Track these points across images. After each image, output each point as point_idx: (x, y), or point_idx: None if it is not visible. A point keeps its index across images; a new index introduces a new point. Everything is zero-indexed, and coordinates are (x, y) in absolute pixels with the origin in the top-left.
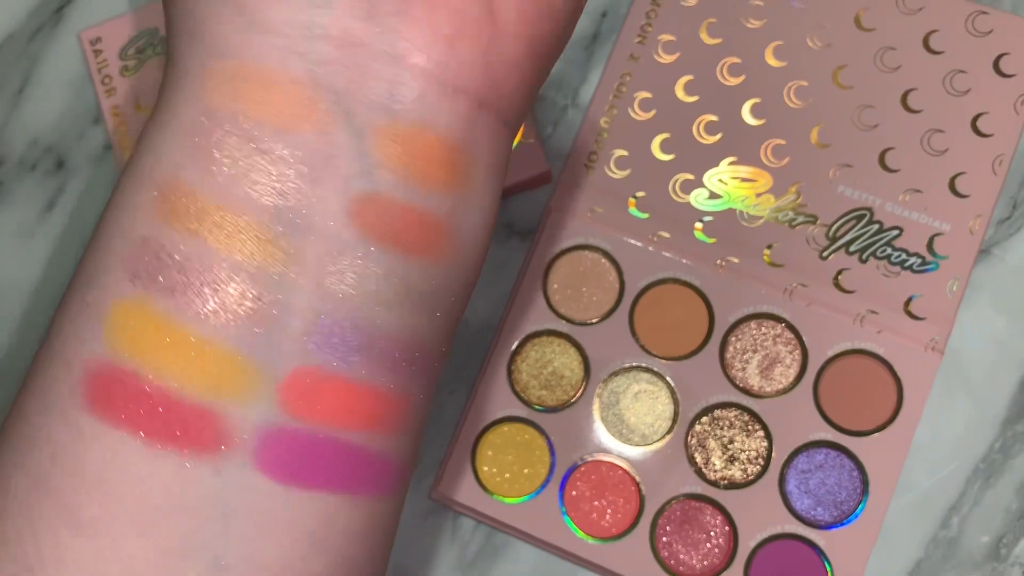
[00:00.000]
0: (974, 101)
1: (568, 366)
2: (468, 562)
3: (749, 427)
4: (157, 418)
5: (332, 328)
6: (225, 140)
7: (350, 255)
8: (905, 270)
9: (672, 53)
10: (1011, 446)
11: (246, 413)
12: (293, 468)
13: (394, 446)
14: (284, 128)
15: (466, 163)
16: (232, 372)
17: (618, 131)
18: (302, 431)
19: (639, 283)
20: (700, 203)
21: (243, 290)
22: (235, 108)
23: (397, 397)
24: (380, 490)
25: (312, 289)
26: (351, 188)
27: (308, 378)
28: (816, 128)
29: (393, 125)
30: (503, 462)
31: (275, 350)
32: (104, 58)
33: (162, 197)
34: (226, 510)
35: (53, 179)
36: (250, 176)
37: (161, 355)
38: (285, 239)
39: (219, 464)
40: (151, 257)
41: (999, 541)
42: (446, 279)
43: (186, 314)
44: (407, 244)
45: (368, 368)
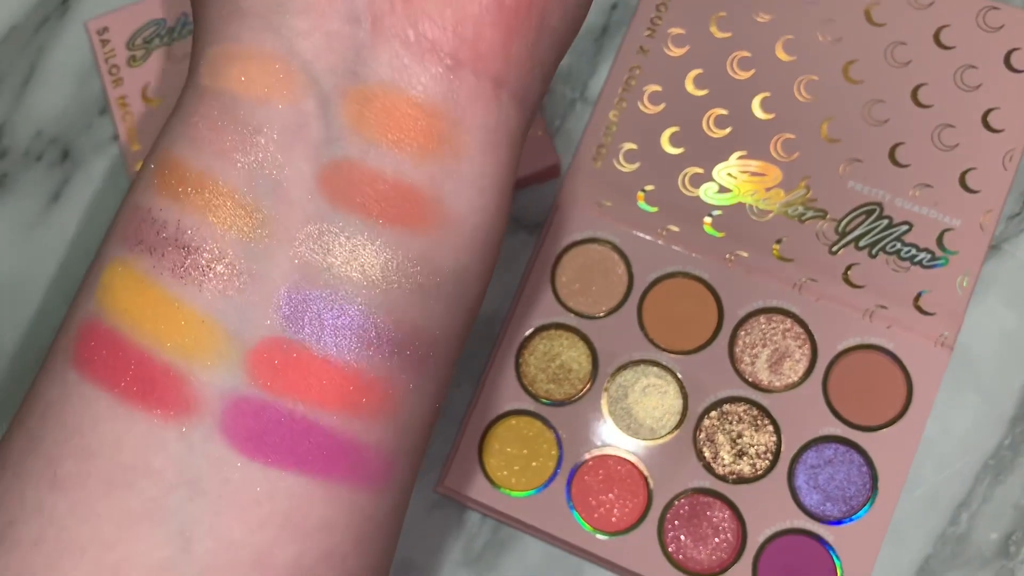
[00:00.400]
0: (985, 96)
1: (576, 359)
2: (475, 556)
3: (758, 422)
4: (130, 375)
5: (302, 299)
6: (208, 114)
7: (320, 224)
8: (915, 265)
9: (682, 46)
10: (1020, 443)
11: (213, 378)
12: (259, 441)
13: (377, 435)
14: (260, 100)
15: (447, 129)
16: (202, 335)
17: (627, 124)
18: (269, 403)
19: (648, 277)
20: (709, 197)
21: (218, 255)
22: (219, 87)
23: (379, 381)
24: (361, 481)
25: (284, 259)
26: (321, 155)
27: (277, 349)
28: (826, 123)
29: (360, 89)
30: (510, 455)
31: (245, 318)
32: (111, 48)
33: (156, 168)
34: (192, 478)
35: (59, 170)
36: (229, 147)
37: (138, 313)
38: (259, 206)
39: (186, 428)
40: (139, 221)
41: (1008, 538)
42: (432, 257)
43: (162, 274)
44: (380, 212)
45: (339, 344)
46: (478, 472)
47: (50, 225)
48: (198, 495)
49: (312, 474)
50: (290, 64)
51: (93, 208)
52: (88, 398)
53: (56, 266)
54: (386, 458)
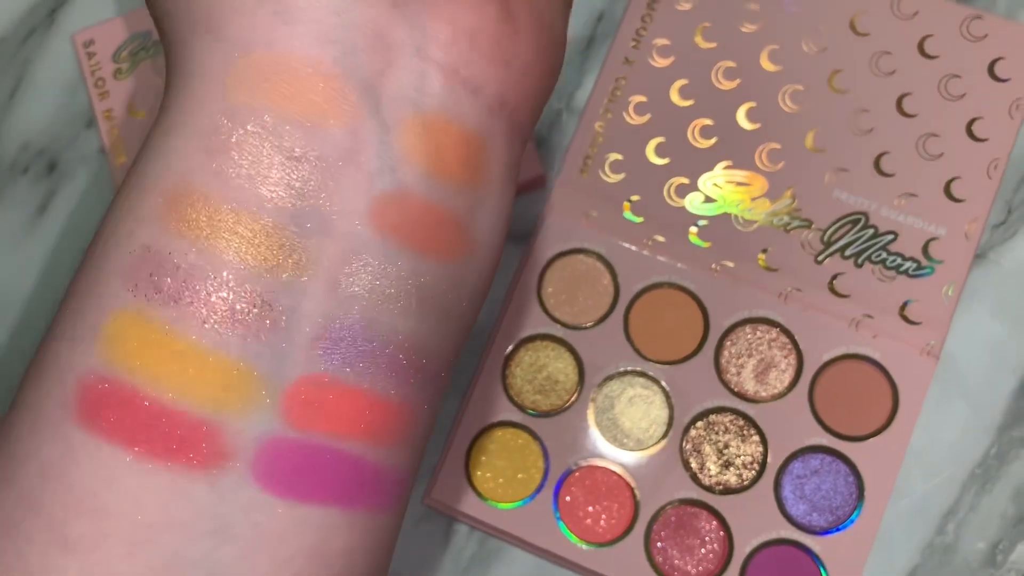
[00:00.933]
0: (969, 105)
1: (563, 371)
2: (462, 568)
3: (744, 432)
4: (152, 432)
5: (341, 333)
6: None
7: (367, 256)
8: (900, 274)
9: (667, 57)
10: (1007, 452)
11: (246, 425)
12: (292, 480)
13: (395, 458)
14: (310, 123)
15: (485, 161)
16: (235, 383)
17: (613, 135)
18: (303, 442)
19: (634, 287)
20: (695, 207)
21: (252, 297)
22: (259, 104)
23: (400, 406)
24: (379, 503)
25: (324, 292)
26: (375, 185)
27: (313, 386)
28: (811, 132)
29: (420, 118)
30: (497, 467)
31: (281, 357)
32: (97, 61)
33: (169, 203)
34: (220, 525)
35: (45, 183)
36: (269, 176)
37: (160, 367)
38: (301, 241)
39: (215, 478)
40: (154, 266)
41: (995, 547)
42: (459, 281)
43: (190, 324)
44: (425, 243)
45: (373, 374)
46: (465, 484)
47: (37, 238)
48: (227, 541)
49: (340, 505)
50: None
51: (80, 221)
52: (100, 458)
53: (43, 279)
54: (401, 479)
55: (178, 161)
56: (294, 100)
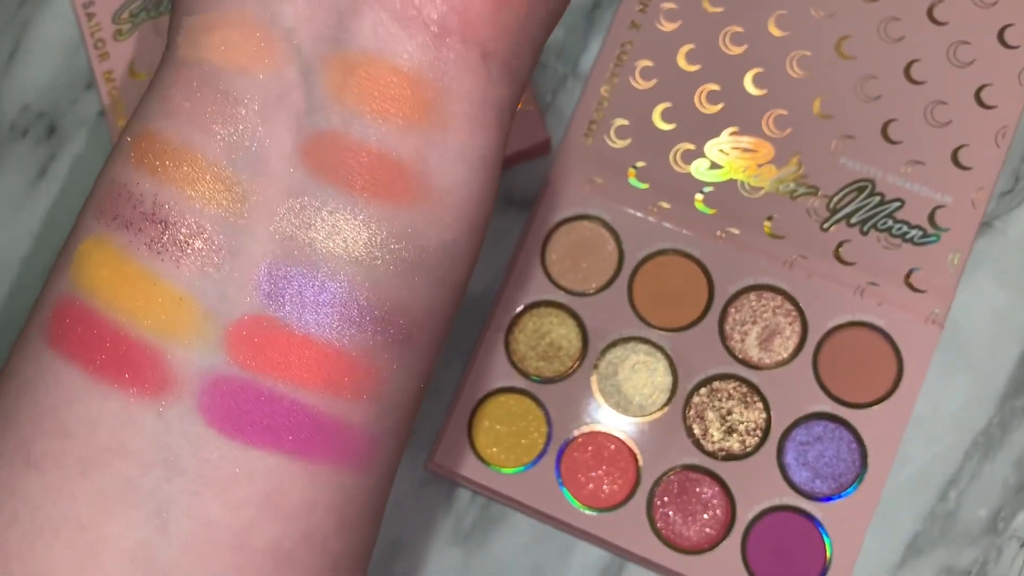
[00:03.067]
0: (978, 72)
1: (566, 337)
2: (464, 533)
3: (748, 399)
4: (105, 353)
5: (282, 275)
6: (186, 86)
7: (301, 197)
8: (906, 242)
9: (674, 21)
10: (1010, 420)
11: (191, 356)
12: (238, 420)
13: (360, 415)
14: (241, 70)
15: (433, 98)
16: (180, 312)
17: (618, 100)
18: (249, 382)
19: (638, 254)
20: (701, 173)
21: (197, 230)
22: (198, 57)
23: (360, 359)
24: (344, 461)
25: (264, 233)
26: (303, 126)
27: (256, 327)
28: (818, 99)
29: (342, 57)
30: (500, 433)
31: (224, 295)
32: (97, 22)
33: (132, 142)
34: (169, 457)
35: (45, 146)
36: (207, 118)
37: (113, 290)
38: (238, 179)
39: (162, 407)
40: (114, 196)
41: (997, 515)
42: (417, 232)
43: (139, 249)
44: (364, 186)
45: (320, 322)
46: (468, 449)
47: (37, 201)
48: (176, 475)
49: (292, 454)
50: (271, 31)
51: (80, 184)
52: (63, 376)
53: (43, 242)
54: (369, 438)
55: (144, 107)
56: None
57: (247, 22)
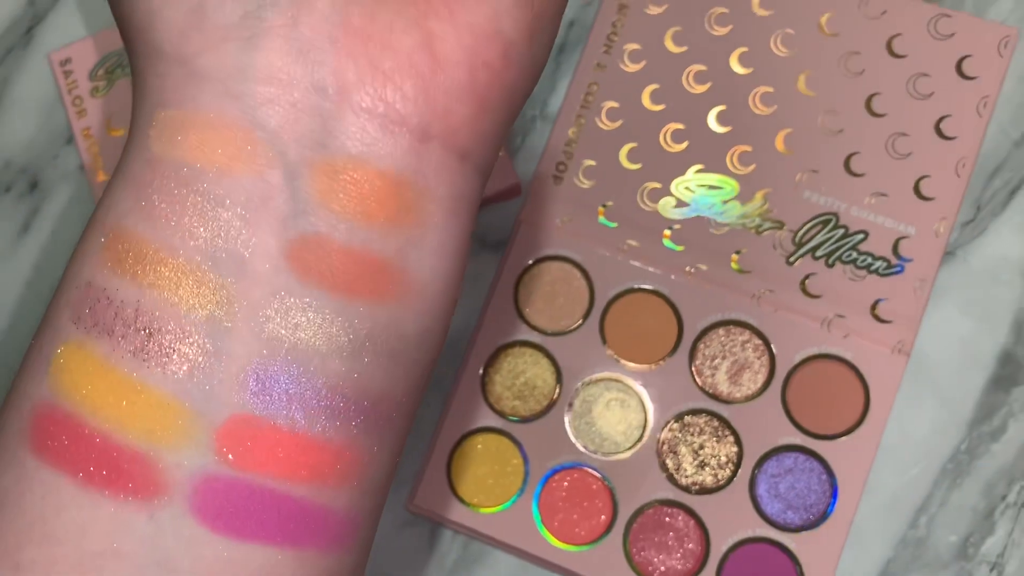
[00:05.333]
0: (937, 104)
1: (540, 376)
2: (447, 572)
3: (719, 433)
4: (93, 461)
5: (270, 373)
6: (164, 186)
7: (287, 299)
8: (871, 274)
9: (638, 62)
10: (977, 446)
11: (181, 459)
12: (230, 518)
13: (345, 500)
14: (222, 171)
15: (414, 200)
16: (167, 417)
17: (586, 141)
18: (239, 480)
19: (609, 292)
20: (668, 211)
21: (181, 335)
22: (175, 155)
23: (345, 449)
24: (330, 545)
25: (249, 335)
26: (288, 229)
27: (244, 426)
28: (782, 134)
29: (328, 161)
30: (478, 473)
31: (212, 396)
32: (74, 79)
33: (107, 244)
34: (164, 558)
35: (27, 201)
36: (188, 221)
37: (98, 397)
38: (222, 283)
39: (154, 511)
40: (92, 301)
41: (966, 540)
42: (397, 323)
43: (123, 357)
44: (349, 287)
45: (308, 417)
46: (447, 490)
47: (21, 256)
48: (169, 574)
49: (282, 545)
50: (252, 134)
51: (63, 238)
52: (49, 485)
53: (27, 298)
54: (352, 520)
55: (116, 204)
56: (206, 151)
57: (226, 122)
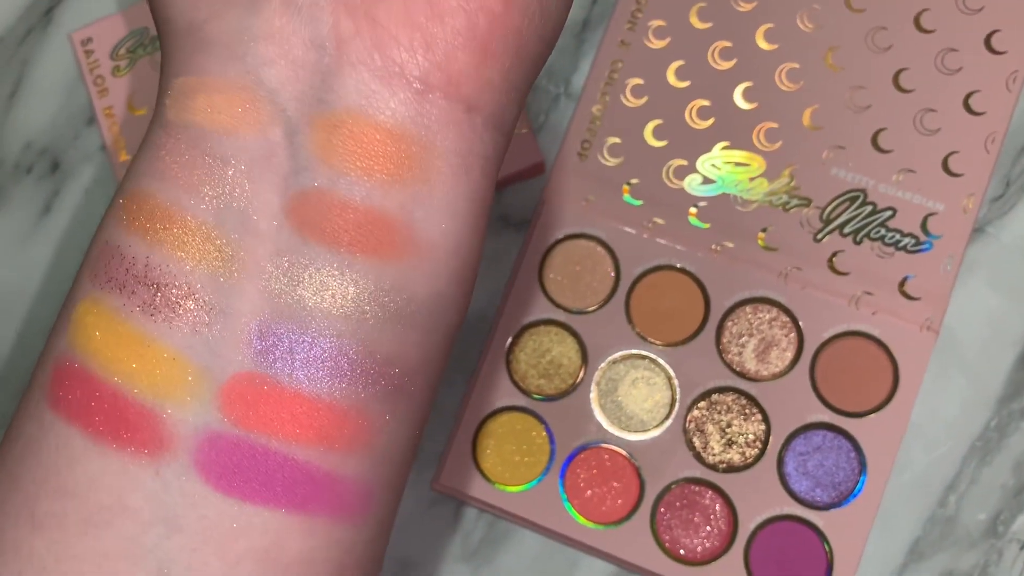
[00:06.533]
0: (966, 79)
1: (566, 354)
2: (472, 551)
3: (747, 411)
4: (104, 414)
5: (272, 333)
6: (175, 148)
7: (290, 256)
8: (899, 251)
9: (663, 38)
10: (1007, 424)
11: (185, 415)
12: (234, 477)
13: (354, 467)
14: (227, 131)
15: (417, 154)
16: (173, 373)
17: (611, 119)
18: (243, 439)
19: (635, 270)
20: (694, 189)
21: (188, 291)
22: (185, 119)
23: (352, 412)
24: (340, 514)
25: (254, 292)
26: (289, 186)
27: (248, 384)
28: (808, 110)
29: (327, 116)
30: (504, 451)
31: (216, 353)
32: (95, 59)
33: (124, 204)
34: (168, 515)
35: (49, 182)
36: (197, 180)
37: (109, 351)
38: (228, 240)
39: (159, 466)
40: (108, 257)
41: (996, 518)
42: (406, 285)
43: (133, 312)
44: (351, 243)
45: (311, 377)
46: (472, 469)
47: (42, 237)
48: (175, 532)
49: (288, 509)
50: (256, 93)
51: (84, 219)
52: (64, 437)
53: (50, 278)
54: (364, 490)
55: (136, 167)
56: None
57: (231, 84)
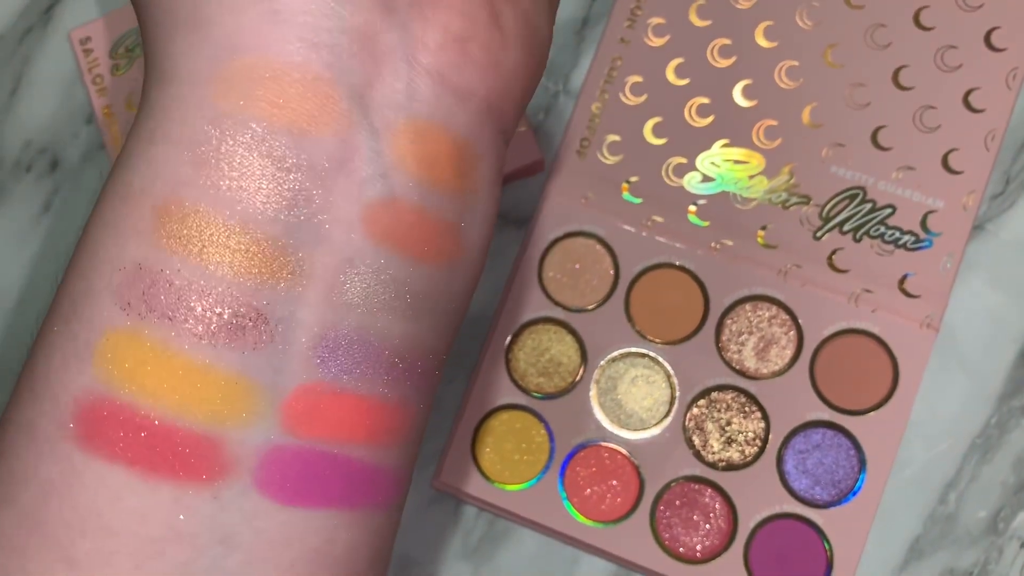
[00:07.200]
0: (966, 76)
1: (565, 353)
2: (472, 549)
3: (746, 409)
4: (154, 450)
5: (338, 340)
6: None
7: (361, 264)
8: (899, 248)
9: (662, 36)
10: (1007, 421)
11: (247, 436)
12: (294, 487)
13: (394, 458)
14: (300, 131)
15: (474, 167)
16: (234, 396)
17: (610, 116)
18: (304, 449)
19: (634, 268)
20: (693, 186)
21: (247, 310)
22: (248, 113)
23: (398, 408)
24: (379, 502)
25: (319, 301)
26: (366, 193)
27: (311, 394)
28: (808, 108)
29: (411, 125)
30: (503, 450)
31: (279, 368)
32: (94, 57)
33: (159, 218)
34: (226, 535)
35: (48, 180)
36: (259, 187)
37: (158, 385)
38: (295, 252)
39: (219, 490)
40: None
41: (996, 515)
42: (449, 286)
43: (185, 341)
44: (418, 250)
45: (371, 380)
46: (472, 467)
47: (42, 236)
48: (232, 551)
49: (341, 507)
50: (337, 90)
51: (84, 218)
52: (103, 477)
53: (50, 277)
54: (399, 477)
55: (166, 173)
56: (283, 107)
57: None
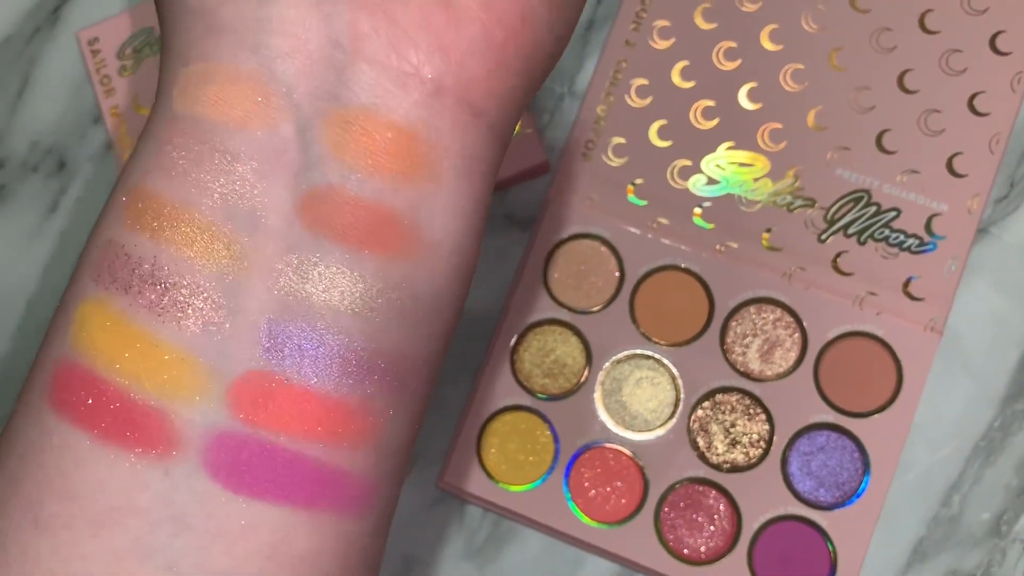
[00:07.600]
0: (971, 80)
1: (570, 354)
2: (476, 549)
3: (751, 411)
4: (110, 416)
5: (281, 330)
6: (183, 143)
7: (300, 252)
8: (904, 251)
9: (667, 39)
10: (1010, 424)
11: (194, 415)
12: (242, 475)
13: (360, 463)
14: (238, 126)
15: (427, 154)
16: (181, 373)
17: (615, 118)
18: (252, 437)
19: (639, 270)
20: (698, 189)
21: (196, 290)
22: (194, 111)
23: (359, 409)
24: (346, 509)
25: (262, 290)
26: (300, 183)
27: (258, 382)
28: (813, 111)
29: (341, 113)
30: (508, 450)
31: (226, 352)
32: (102, 58)
33: (127, 202)
34: (177, 514)
35: (55, 180)
36: (205, 176)
37: (115, 353)
38: (236, 238)
39: (168, 466)
40: (111, 258)
41: (1000, 518)
42: (410, 282)
43: (139, 313)
44: (360, 240)
45: (320, 374)
46: (477, 468)
47: (48, 236)
48: (183, 530)
49: (296, 505)
50: (269, 86)
51: (90, 218)
52: (69, 440)
53: (56, 275)
54: (368, 484)
55: (138, 162)
56: (224, 106)
57: (243, 76)
